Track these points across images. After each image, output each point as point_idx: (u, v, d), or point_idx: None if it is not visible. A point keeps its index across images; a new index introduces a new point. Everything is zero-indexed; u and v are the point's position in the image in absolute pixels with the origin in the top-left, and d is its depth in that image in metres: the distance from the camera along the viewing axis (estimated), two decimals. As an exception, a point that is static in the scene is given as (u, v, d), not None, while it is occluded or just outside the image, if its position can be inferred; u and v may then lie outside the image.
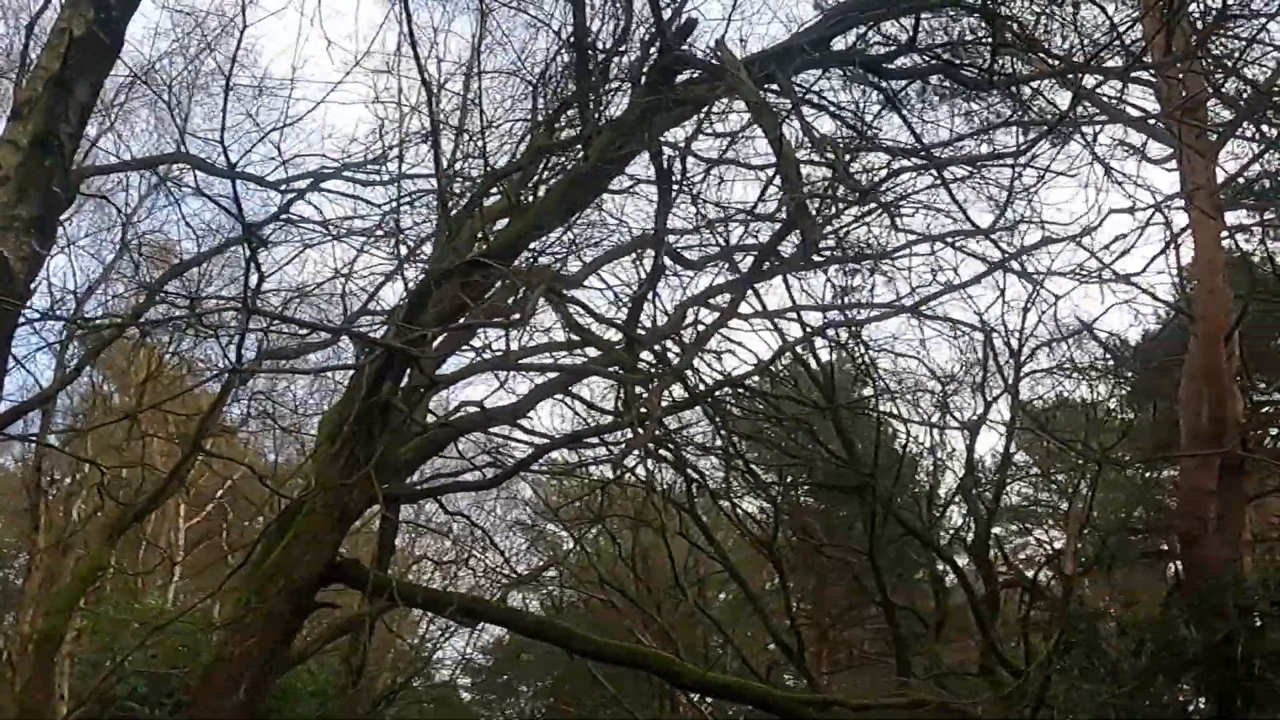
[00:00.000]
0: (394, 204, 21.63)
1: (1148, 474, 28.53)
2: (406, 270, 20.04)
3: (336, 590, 17.00)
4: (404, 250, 20.92)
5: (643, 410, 14.50)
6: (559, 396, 19.62)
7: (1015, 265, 19.13)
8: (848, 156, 16.12)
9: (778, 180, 16.94)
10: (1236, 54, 18.98)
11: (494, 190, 17.97)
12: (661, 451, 22.46)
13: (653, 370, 16.12)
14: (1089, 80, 17.39)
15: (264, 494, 25.44)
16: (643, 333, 16.34)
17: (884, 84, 16.56)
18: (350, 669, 24.02)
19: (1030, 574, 27.53)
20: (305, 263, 28.09)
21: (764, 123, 13.97)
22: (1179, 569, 23.53)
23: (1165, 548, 30.38)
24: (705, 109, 16.23)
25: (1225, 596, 20.20)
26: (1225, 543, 21.37)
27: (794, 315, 21.26)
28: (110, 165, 23.78)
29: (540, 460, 19.12)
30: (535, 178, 18.00)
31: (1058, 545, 35.34)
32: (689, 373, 19.57)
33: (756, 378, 23.77)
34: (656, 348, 18.70)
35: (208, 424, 21.75)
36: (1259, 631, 19.57)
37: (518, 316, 14.67)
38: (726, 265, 19.18)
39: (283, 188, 22.70)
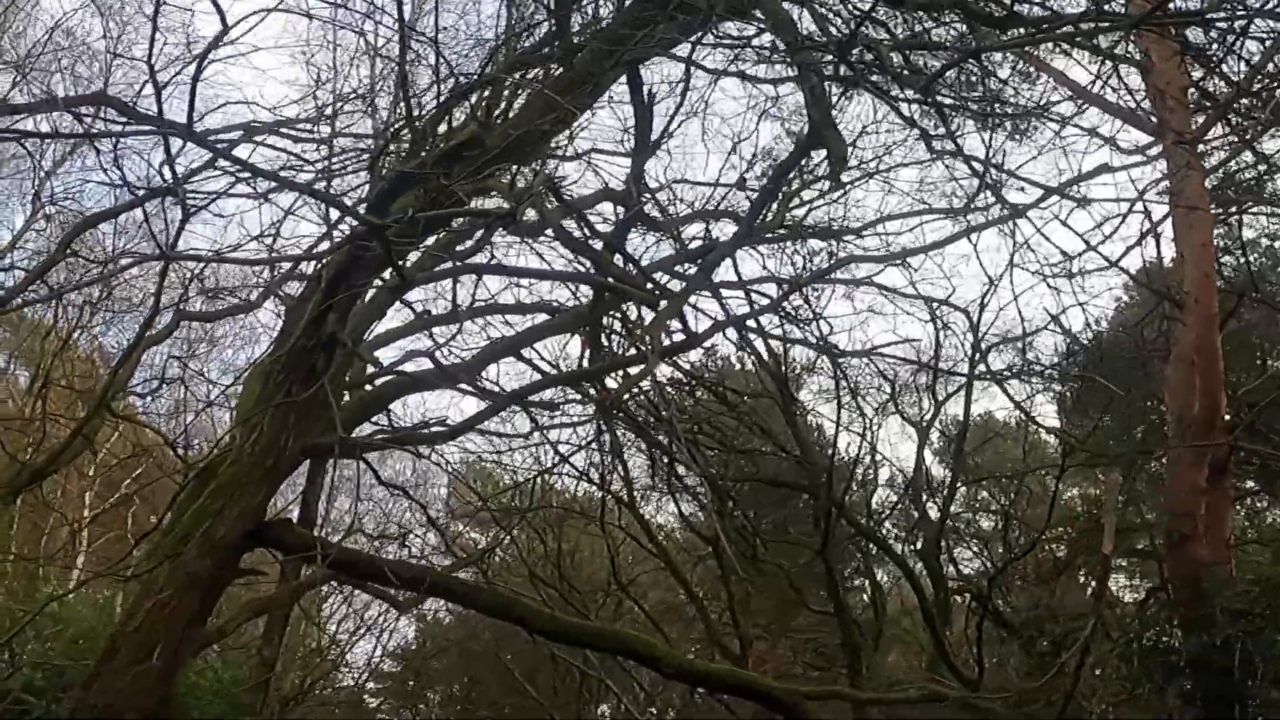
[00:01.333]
0: (327, 163, 18.18)
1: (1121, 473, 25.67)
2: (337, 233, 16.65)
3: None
4: (335, 214, 17.28)
5: (646, 340, 11.30)
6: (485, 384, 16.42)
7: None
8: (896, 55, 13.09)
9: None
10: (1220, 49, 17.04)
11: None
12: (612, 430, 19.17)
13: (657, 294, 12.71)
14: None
15: (176, 483, 21.69)
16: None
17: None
18: (264, 660, 20.58)
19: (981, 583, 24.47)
20: (228, 225, 24.45)
21: (781, 24, 11.17)
22: (1162, 570, 20.64)
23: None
24: (706, 20, 13.04)
25: (1218, 600, 17.46)
26: (1213, 543, 18.57)
27: (752, 290, 18.08)
28: (21, 105, 20.25)
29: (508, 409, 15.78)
30: (505, 99, 14.63)
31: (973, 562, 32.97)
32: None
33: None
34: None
35: (117, 379, 18.21)
36: (1255, 636, 16.75)
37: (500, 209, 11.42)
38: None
39: (211, 139, 19.08)
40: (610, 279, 12.15)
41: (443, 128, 13.76)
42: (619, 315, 16.60)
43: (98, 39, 20.21)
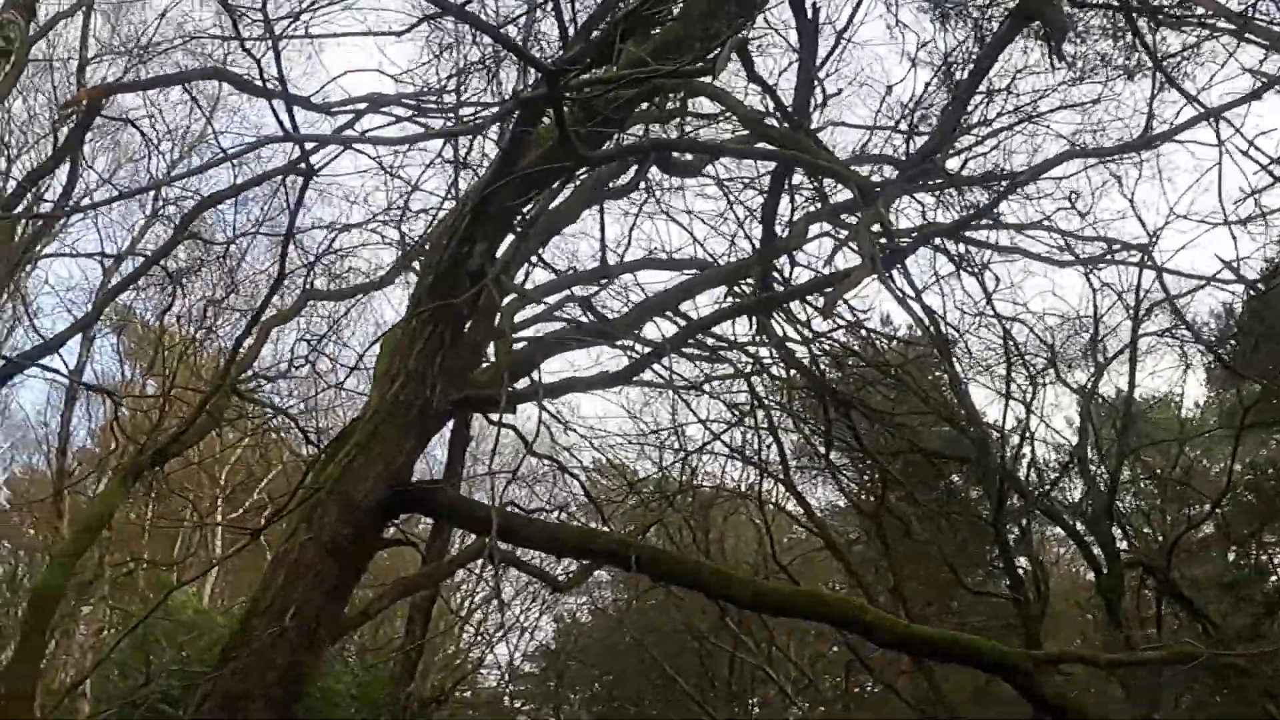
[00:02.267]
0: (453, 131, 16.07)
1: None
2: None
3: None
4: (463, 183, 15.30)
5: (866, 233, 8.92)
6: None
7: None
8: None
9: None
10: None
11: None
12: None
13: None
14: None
15: (304, 461, 19.63)
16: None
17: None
18: (407, 656, 18.52)
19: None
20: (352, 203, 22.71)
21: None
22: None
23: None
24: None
25: None
26: None
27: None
28: (135, 83, 18.50)
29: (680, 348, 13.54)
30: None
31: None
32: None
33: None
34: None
35: (243, 355, 16.17)
36: None
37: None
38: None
39: (334, 110, 17.01)
40: (814, 160, 9.72)
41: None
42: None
43: (210, 25, 18.56)
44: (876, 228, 9.77)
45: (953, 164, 16.38)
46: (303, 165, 10.95)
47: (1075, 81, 17.30)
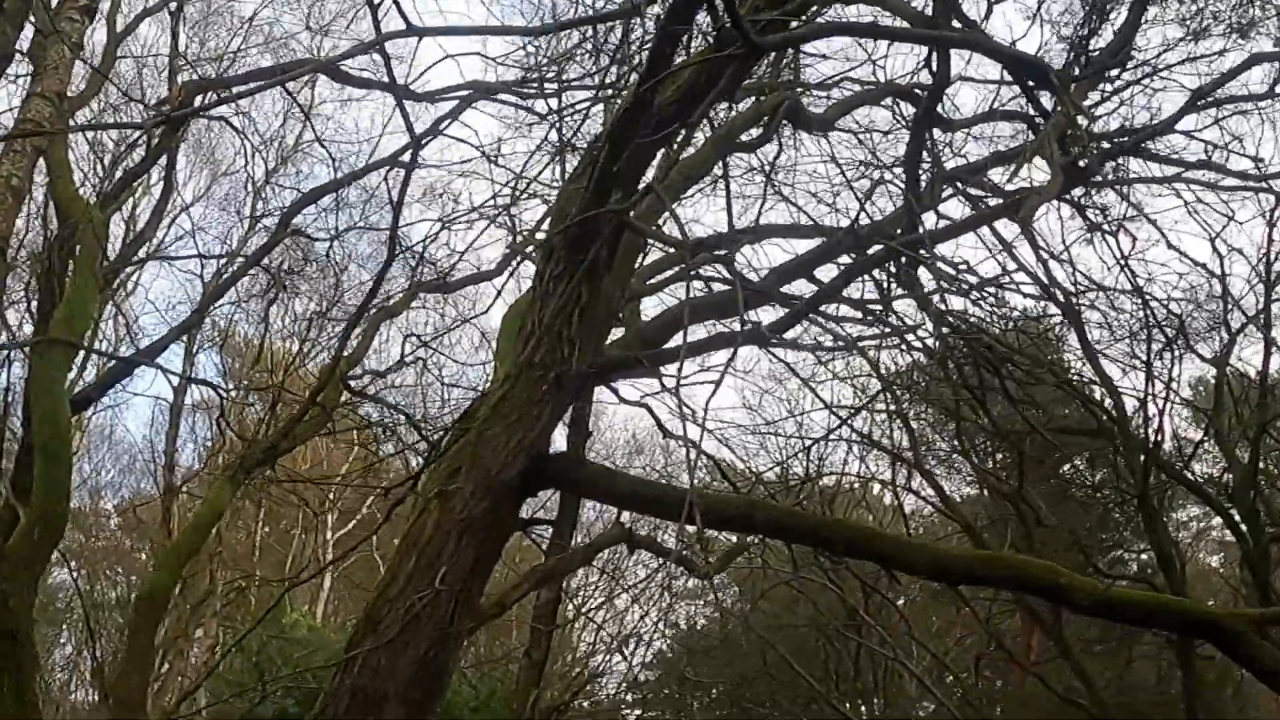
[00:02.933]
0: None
1: None
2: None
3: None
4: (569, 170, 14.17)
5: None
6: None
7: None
8: None
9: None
10: None
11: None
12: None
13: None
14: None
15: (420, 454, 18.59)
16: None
17: None
18: (531, 662, 17.37)
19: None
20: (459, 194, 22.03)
21: None
22: None
23: None
24: None
25: None
26: None
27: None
28: (230, 78, 17.63)
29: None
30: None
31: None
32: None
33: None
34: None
35: (353, 351, 15.12)
36: None
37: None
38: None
39: (437, 99, 15.92)
40: (999, 46, 8.26)
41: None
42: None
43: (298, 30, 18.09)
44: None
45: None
46: (405, 156, 9.84)
47: (1194, 37, 16.24)
